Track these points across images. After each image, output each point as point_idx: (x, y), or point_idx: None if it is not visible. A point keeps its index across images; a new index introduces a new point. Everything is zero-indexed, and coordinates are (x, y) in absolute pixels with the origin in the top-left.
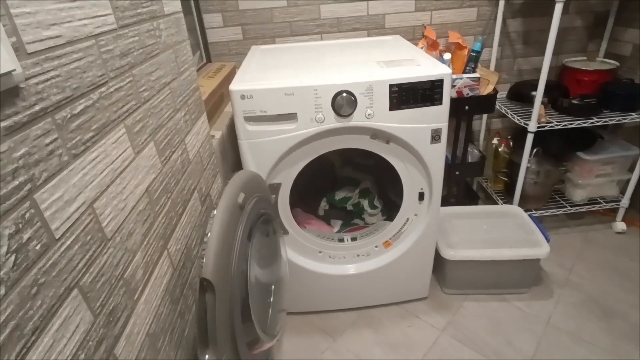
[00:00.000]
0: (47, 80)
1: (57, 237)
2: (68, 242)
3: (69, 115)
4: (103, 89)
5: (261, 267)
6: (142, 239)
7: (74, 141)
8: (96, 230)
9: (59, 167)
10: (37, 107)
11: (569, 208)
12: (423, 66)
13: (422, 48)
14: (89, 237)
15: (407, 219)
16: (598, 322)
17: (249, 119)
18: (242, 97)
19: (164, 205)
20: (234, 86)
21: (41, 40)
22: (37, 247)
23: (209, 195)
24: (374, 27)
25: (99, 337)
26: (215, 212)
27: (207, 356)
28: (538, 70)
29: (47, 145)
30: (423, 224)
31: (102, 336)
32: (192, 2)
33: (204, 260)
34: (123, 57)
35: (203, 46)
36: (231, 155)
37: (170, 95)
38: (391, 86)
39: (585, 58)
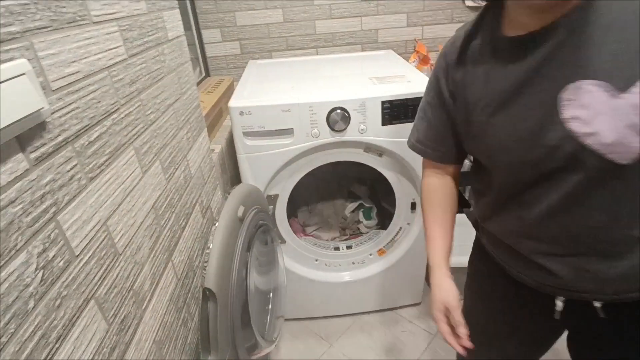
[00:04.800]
0: (69, 112)
1: (76, 253)
2: (86, 258)
3: (86, 143)
4: (115, 115)
5: (260, 275)
6: (149, 252)
7: (90, 165)
8: (109, 246)
9: (78, 190)
10: (60, 138)
11: None
12: (413, 83)
13: (413, 62)
14: (103, 253)
15: (400, 228)
16: None
17: (248, 134)
18: (241, 113)
19: (168, 219)
20: (233, 103)
21: (63, 77)
22: (61, 264)
23: (209, 208)
24: (368, 41)
25: (112, 344)
26: (216, 225)
27: None
28: None
29: (69, 171)
30: (415, 232)
31: (115, 343)
32: (191, 18)
33: (207, 271)
34: (132, 84)
35: (202, 60)
36: (230, 167)
37: (174, 115)
38: (383, 102)
39: None
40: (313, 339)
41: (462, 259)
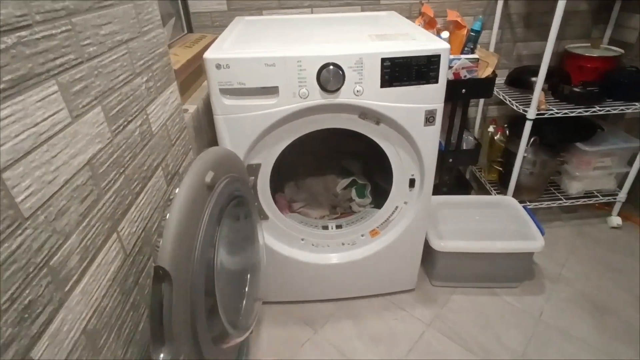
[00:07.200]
0: None
1: None
2: None
3: None
4: (23, 33)
5: (232, 255)
6: (79, 219)
7: None
8: (5, 206)
9: None
10: None
11: (564, 201)
12: (419, 40)
13: (419, 26)
14: None
15: (396, 207)
16: (590, 320)
17: (225, 92)
18: (218, 66)
19: (113, 181)
20: (209, 54)
21: None
22: None
23: (177, 174)
24: (368, 2)
25: (5, 339)
26: (177, 190)
27: (161, 355)
28: (538, 56)
29: None
30: (413, 212)
31: (12, 337)
32: None
33: (160, 245)
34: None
35: (184, 16)
36: (208, 132)
37: (128, 56)
38: (383, 60)
39: (588, 44)
40: (296, 324)
41: (460, 244)
